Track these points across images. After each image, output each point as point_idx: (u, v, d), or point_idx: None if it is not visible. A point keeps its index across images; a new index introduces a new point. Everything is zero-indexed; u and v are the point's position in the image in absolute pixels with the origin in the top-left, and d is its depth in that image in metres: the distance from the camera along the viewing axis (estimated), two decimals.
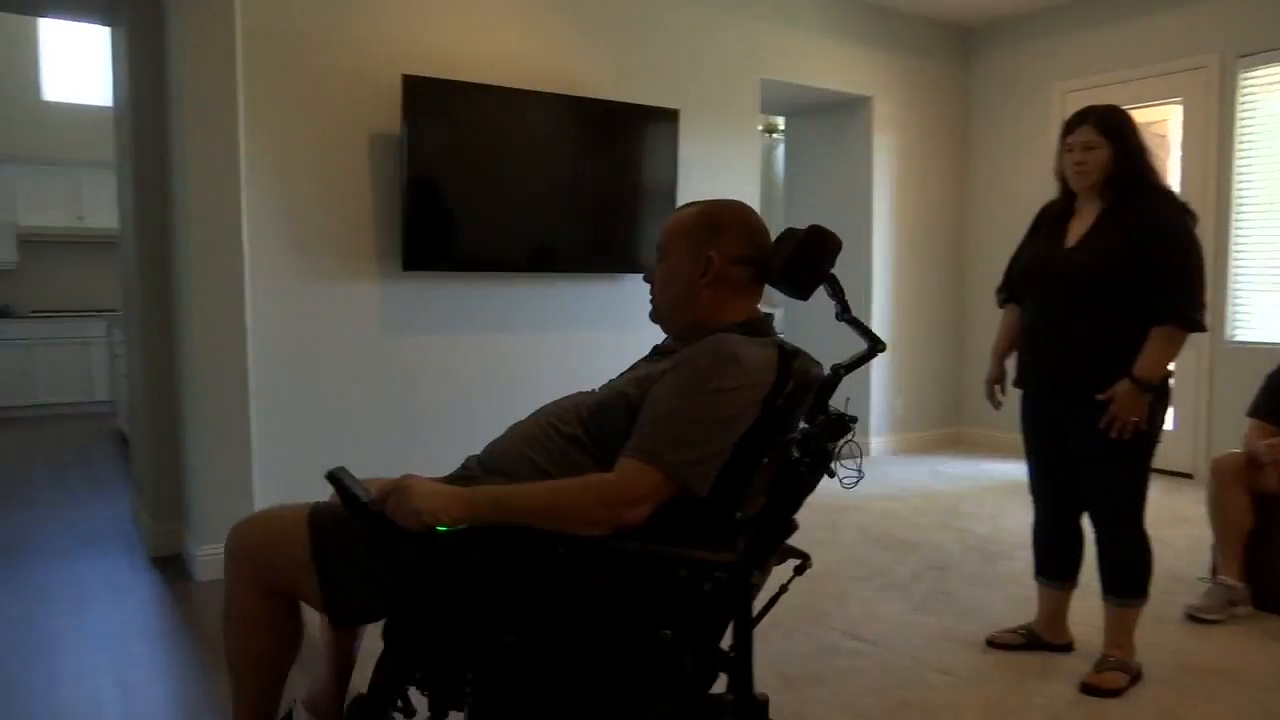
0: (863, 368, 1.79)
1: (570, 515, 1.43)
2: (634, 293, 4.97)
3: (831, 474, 1.65)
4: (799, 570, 1.65)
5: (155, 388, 4.13)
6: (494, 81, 4.40)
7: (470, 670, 1.46)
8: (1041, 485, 2.86)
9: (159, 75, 4.02)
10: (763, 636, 2.95)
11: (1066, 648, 2.87)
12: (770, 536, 1.52)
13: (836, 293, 1.74)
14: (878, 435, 6.13)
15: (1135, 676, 2.63)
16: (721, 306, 1.69)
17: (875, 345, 1.71)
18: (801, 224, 1.63)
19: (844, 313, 1.73)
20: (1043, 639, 2.88)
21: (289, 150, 4.01)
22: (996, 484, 5.26)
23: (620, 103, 4.77)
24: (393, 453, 4.18)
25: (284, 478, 3.80)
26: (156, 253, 4.12)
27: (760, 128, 5.67)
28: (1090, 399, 2.54)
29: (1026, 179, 6.00)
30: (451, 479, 1.71)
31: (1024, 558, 3.67)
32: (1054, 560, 2.88)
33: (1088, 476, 2.67)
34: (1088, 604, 2.99)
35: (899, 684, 2.64)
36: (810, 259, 1.69)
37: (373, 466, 1.82)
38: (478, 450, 1.77)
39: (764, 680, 2.63)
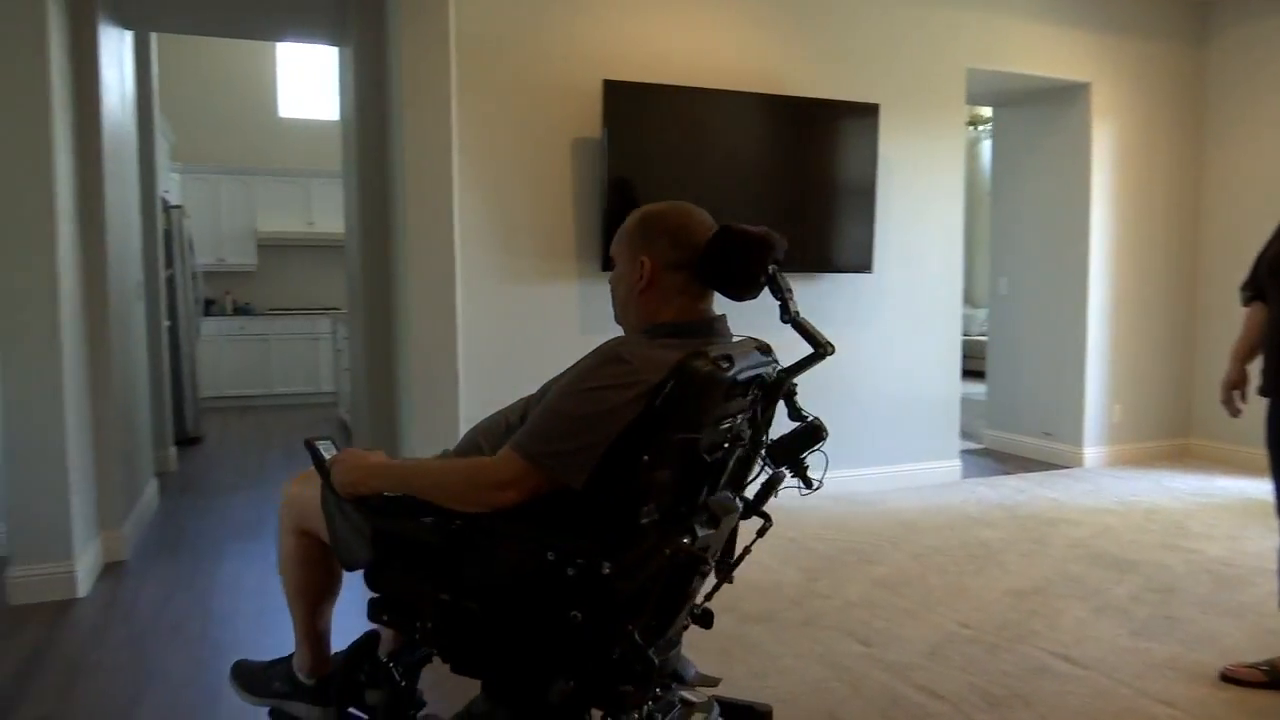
0: (1075, 372, 1.66)
1: (445, 492, 1.58)
2: (831, 293, 4.88)
3: (808, 483, 1.67)
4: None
5: (374, 380, 4.43)
6: (691, 83, 4.44)
7: (418, 619, 1.63)
8: None
9: (381, 91, 4.31)
10: (962, 651, 2.83)
11: None
12: (625, 530, 1.49)
13: (776, 292, 1.67)
14: (1091, 446, 5.72)
15: None
16: (656, 309, 1.69)
17: (820, 348, 1.66)
18: (1010, 221, 1.53)
19: (785, 314, 1.66)
20: None
21: (496, 157, 4.20)
22: (1233, 502, 4.79)
23: (818, 99, 4.69)
24: None
25: None
26: (377, 255, 4.42)
27: (965, 120, 5.42)
28: None
29: (1274, 167, 5.43)
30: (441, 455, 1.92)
31: (1266, 585, 3.33)
32: None
33: None
34: None
35: (1116, 713, 2.45)
36: (715, 265, 1.67)
37: None
38: None
39: (964, 698, 2.51)
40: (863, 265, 4.83)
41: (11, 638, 3.00)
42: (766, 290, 1.70)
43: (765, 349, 1.75)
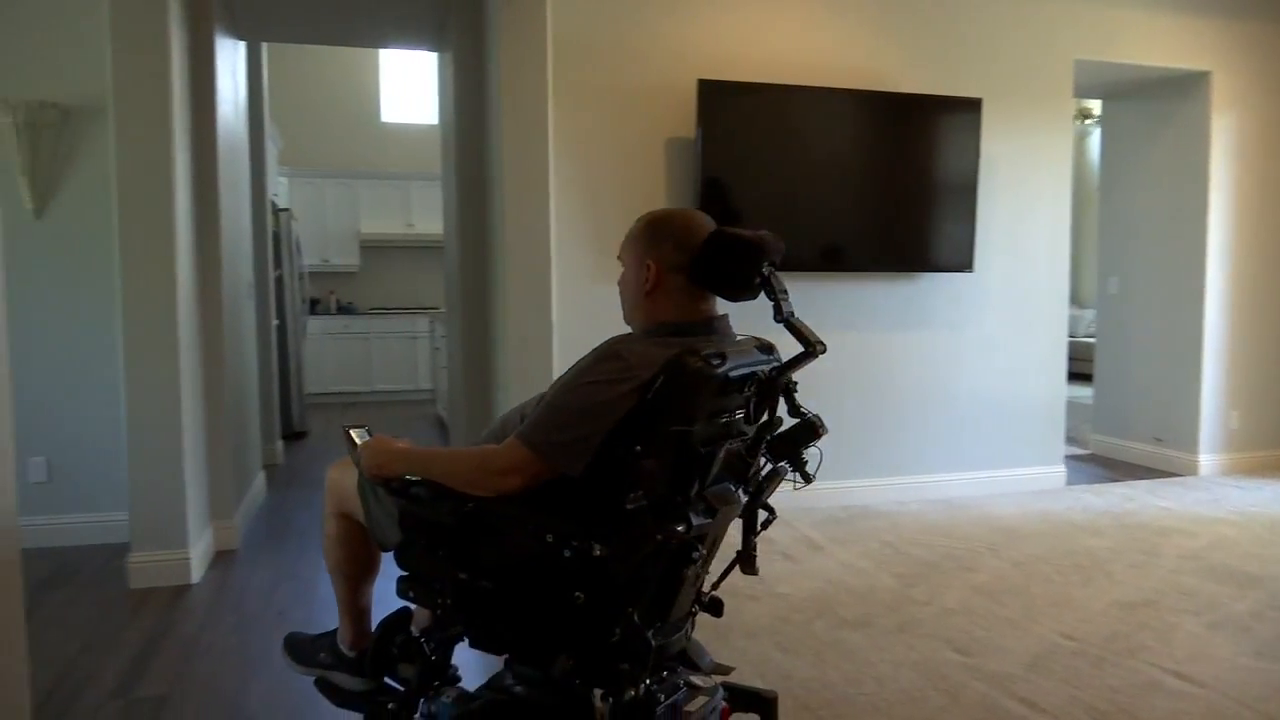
0: (1189, 375, 1.58)
1: (456, 477, 1.69)
2: (929, 292, 4.77)
3: (806, 478, 1.72)
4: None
5: (470, 378, 4.52)
6: (787, 80, 4.40)
7: (440, 596, 1.73)
8: None
9: (479, 95, 4.40)
10: (1066, 664, 2.74)
11: None
12: (614, 515, 1.56)
13: (770, 294, 1.71)
14: (1206, 453, 5.44)
15: None
16: (661, 309, 1.78)
17: (809, 347, 1.67)
18: (1121, 218, 1.47)
19: (778, 315, 1.69)
20: None
21: (591, 158, 4.24)
22: None
23: (917, 95, 4.59)
24: None
25: None
26: (475, 256, 4.51)
27: (1072, 113, 5.23)
28: None
29: None
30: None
31: None
32: None
33: None
34: None
35: None
36: (709, 267, 1.74)
37: None
38: None
39: (1067, 712, 2.42)
40: (963, 264, 4.71)
41: (132, 620, 3.16)
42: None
43: (767, 348, 1.79)
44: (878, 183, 4.58)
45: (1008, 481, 4.98)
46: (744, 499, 1.75)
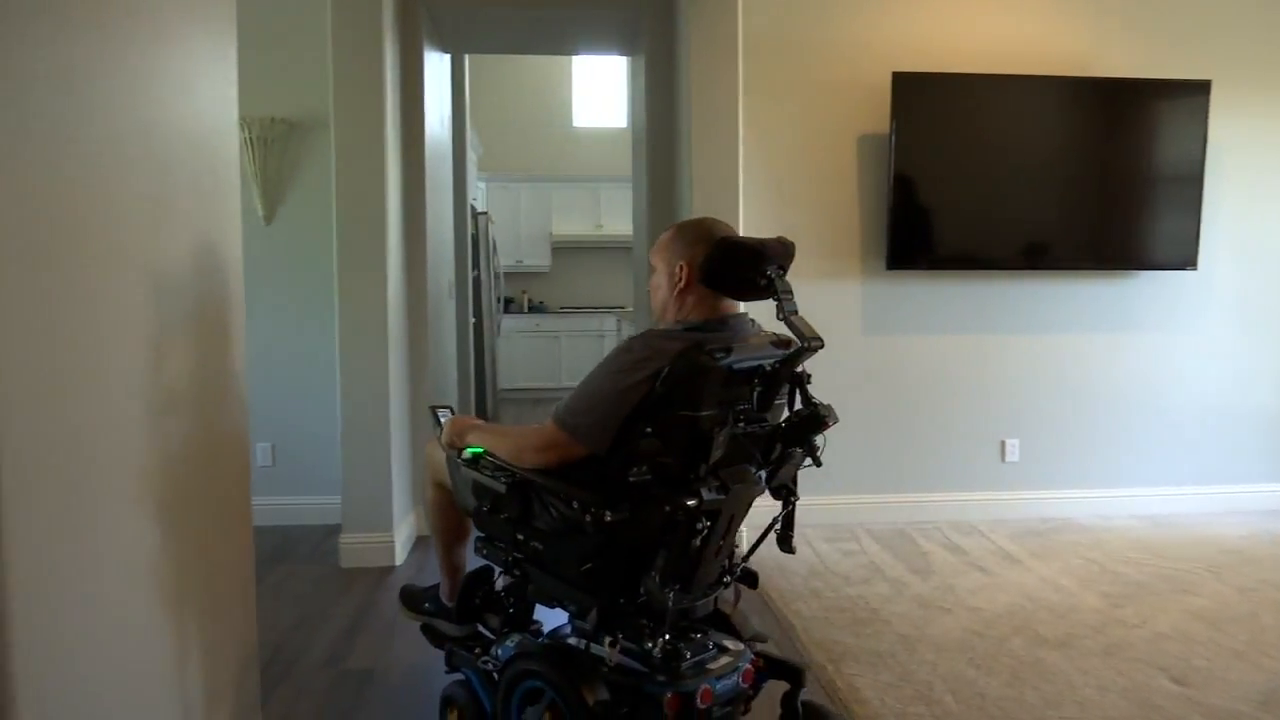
0: None
1: (507, 452, 1.96)
2: (1145, 292, 4.44)
3: (818, 462, 1.84)
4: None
5: None
6: (986, 70, 4.20)
7: (504, 554, 2.00)
8: None
9: (670, 97, 4.44)
10: (1275, 710, 2.46)
11: None
12: (620, 486, 1.75)
13: (774, 295, 1.83)
14: None
15: None
16: (688, 308, 1.93)
17: (805, 342, 1.77)
18: None
19: (780, 313, 1.82)
20: None
21: (781, 156, 4.20)
22: None
23: (1134, 79, 4.26)
24: (877, 453, 4.17)
25: None
26: None
27: None
28: None
29: None
30: None
31: None
32: None
33: None
34: None
35: None
36: (715, 271, 1.89)
37: (855, 464, 1.88)
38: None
39: None
40: (1185, 261, 4.34)
41: (343, 597, 3.40)
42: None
43: (784, 344, 1.89)
44: (1087, 175, 4.30)
45: (1232, 499, 4.55)
46: (762, 479, 1.88)
